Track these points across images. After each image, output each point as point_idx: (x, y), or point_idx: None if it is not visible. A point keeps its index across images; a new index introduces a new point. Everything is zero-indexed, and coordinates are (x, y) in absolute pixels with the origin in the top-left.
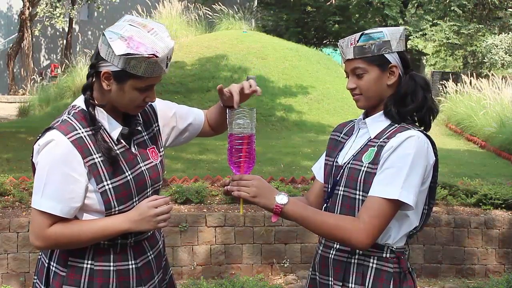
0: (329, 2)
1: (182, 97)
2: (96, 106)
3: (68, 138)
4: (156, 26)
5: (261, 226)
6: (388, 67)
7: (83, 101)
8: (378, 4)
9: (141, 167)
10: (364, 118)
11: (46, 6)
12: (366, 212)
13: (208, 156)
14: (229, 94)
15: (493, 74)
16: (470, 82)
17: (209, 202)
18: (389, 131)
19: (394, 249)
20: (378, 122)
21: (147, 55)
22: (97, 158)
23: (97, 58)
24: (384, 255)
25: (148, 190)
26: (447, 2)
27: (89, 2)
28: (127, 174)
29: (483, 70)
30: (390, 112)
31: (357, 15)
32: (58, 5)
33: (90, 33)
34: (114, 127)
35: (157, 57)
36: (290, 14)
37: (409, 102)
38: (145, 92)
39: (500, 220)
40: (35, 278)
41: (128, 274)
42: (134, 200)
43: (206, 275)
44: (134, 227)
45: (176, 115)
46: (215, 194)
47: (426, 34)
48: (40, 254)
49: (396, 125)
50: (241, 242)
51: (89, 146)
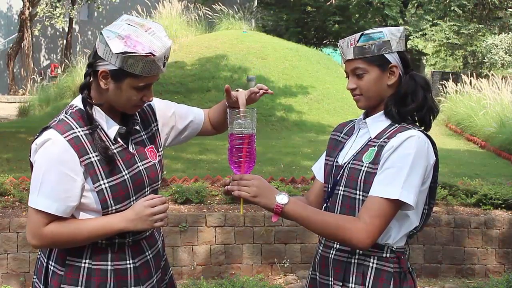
0: (329, 2)
1: (182, 97)
2: (93, 105)
3: (64, 137)
4: (153, 25)
5: (261, 226)
6: (388, 67)
7: (81, 100)
8: (378, 4)
9: (138, 167)
10: (364, 118)
11: (46, 6)
12: (366, 212)
13: (208, 156)
14: (235, 99)
15: (493, 74)
16: (470, 82)
17: (209, 202)
18: (389, 131)
19: (394, 249)
20: (379, 122)
21: (145, 54)
22: (93, 157)
23: (94, 57)
24: (384, 255)
25: (146, 189)
26: (447, 2)
27: (89, 2)
28: (124, 173)
29: (483, 70)
30: (390, 112)
31: (357, 15)
32: (58, 5)
33: (90, 33)
34: (111, 126)
35: (154, 56)
36: (290, 14)
37: (409, 102)
38: (142, 91)
39: (500, 220)
40: (35, 277)
41: (126, 274)
42: (132, 199)
43: (206, 275)
44: (130, 226)
45: (175, 115)
46: (215, 194)
47: (426, 34)
48: (39, 253)
49: (396, 125)
50: (241, 242)
51: (85, 145)
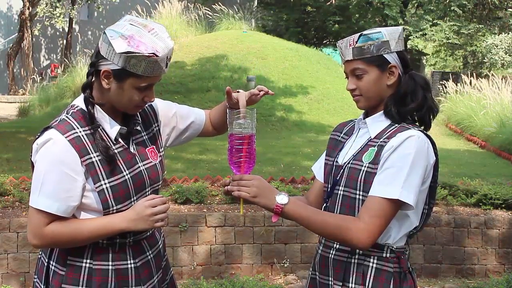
0: (329, 2)
1: (182, 97)
2: (95, 105)
3: (65, 137)
4: (156, 26)
5: (261, 226)
6: (387, 67)
7: (83, 100)
8: (378, 4)
9: (139, 167)
10: (364, 118)
11: (46, 6)
12: (366, 212)
13: (208, 156)
14: (236, 100)
15: (493, 74)
16: (470, 82)
17: (209, 202)
18: (389, 131)
19: (394, 249)
20: (378, 122)
21: (147, 54)
22: (94, 157)
23: (97, 56)
24: (384, 255)
25: (147, 189)
26: (447, 2)
27: (89, 2)
28: (125, 173)
29: (483, 70)
30: (390, 112)
31: (357, 15)
32: (58, 5)
33: (90, 33)
34: (112, 126)
35: (157, 56)
36: (290, 14)
37: (409, 101)
38: (144, 91)
39: (500, 220)
40: (35, 277)
41: (126, 273)
42: (132, 199)
43: (206, 275)
44: (131, 226)
45: (176, 115)
46: (215, 194)
47: (426, 34)
48: (40, 253)
49: (396, 125)
50: (241, 242)
51: (86, 145)
